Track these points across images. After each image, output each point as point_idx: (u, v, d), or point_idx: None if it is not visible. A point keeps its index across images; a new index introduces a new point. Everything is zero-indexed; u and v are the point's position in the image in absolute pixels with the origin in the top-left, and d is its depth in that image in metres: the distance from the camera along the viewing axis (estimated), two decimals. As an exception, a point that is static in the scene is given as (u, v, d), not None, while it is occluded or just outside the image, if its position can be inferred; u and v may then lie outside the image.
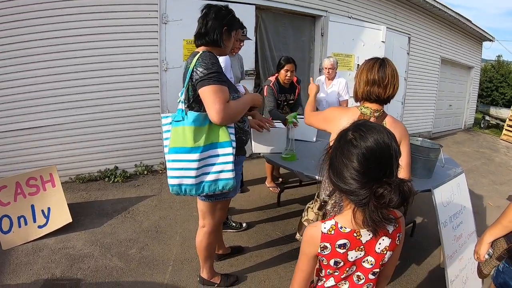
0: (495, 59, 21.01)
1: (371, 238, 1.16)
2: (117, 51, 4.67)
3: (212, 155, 2.04)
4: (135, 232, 3.41)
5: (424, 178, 2.99)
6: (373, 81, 1.84)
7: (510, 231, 1.62)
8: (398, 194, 0.99)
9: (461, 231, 2.95)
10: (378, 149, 1.02)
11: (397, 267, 3.26)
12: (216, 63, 2.00)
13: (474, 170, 7.61)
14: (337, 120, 1.96)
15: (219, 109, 1.91)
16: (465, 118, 13.65)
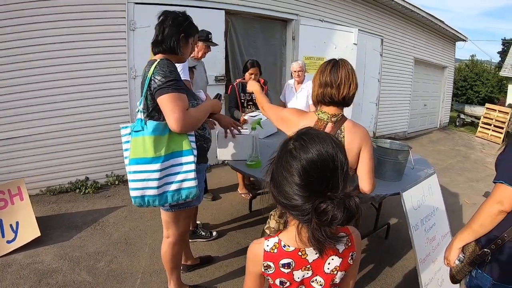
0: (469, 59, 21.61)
1: (318, 257, 1.07)
2: (86, 59, 4.54)
3: (174, 164, 2.01)
4: (104, 244, 3.34)
5: (394, 181, 2.93)
6: (325, 83, 1.79)
7: (480, 236, 1.55)
8: (342, 210, 0.90)
9: (434, 233, 2.90)
10: (320, 161, 0.93)
11: (371, 271, 3.23)
12: (174, 71, 1.98)
13: (449, 168, 7.68)
14: (294, 124, 1.89)
15: (178, 117, 1.88)
16: (440, 117, 13.87)
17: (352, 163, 1.79)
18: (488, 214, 1.47)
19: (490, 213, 1.47)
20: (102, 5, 4.57)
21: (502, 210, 1.43)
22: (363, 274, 3.18)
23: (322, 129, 1.80)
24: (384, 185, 2.79)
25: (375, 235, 3.84)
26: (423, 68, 11.58)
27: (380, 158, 2.90)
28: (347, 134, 1.78)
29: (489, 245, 1.53)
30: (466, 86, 19.46)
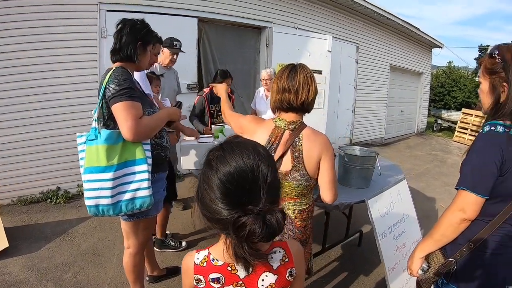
0: (446, 65, 22.08)
1: (250, 273, 1.00)
2: (55, 67, 4.43)
3: (127, 173, 1.99)
4: (72, 255, 3.30)
5: (361, 188, 2.89)
6: (283, 89, 1.74)
7: (443, 245, 1.50)
8: (262, 226, 0.84)
9: (404, 240, 2.87)
10: (237, 172, 0.88)
11: (344, 280, 3.19)
12: (128, 79, 1.96)
13: (426, 173, 7.75)
14: (252, 133, 1.85)
15: (131, 125, 1.88)
16: (418, 122, 14.10)
17: (312, 172, 1.72)
18: (450, 223, 1.42)
19: (452, 222, 1.41)
20: (74, 12, 4.48)
21: (465, 218, 1.37)
22: (336, 282, 3.14)
23: (279, 136, 1.75)
24: (350, 193, 2.75)
25: (348, 243, 3.80)
26: (400, 74, 11.76)
27: (346, 165, 2.86)
28: (305, 141, 1.71)
29: (454, 254, 1.47)
30: (443, 92, 19.86)
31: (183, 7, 5.36)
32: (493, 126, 1.37)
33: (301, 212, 1.80)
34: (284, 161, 1.72)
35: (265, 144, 1.76)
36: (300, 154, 1.70)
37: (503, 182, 1.34)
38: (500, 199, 1.37)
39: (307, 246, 1.94)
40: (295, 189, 1.74)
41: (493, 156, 1.33)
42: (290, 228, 1.80)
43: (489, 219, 1.40)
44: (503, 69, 1.37)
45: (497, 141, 1.34)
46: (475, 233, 1.42)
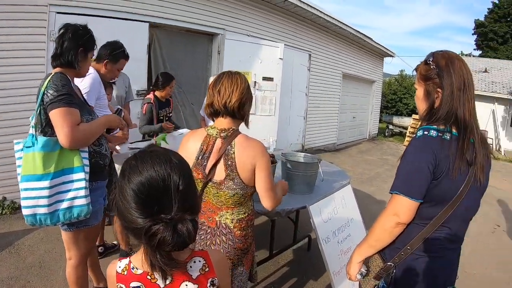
0: (398, 74, 23.10)
1: (170, 282, 0.99)
2: (2, 70, 4.18)
3: (65, 182, 1.96)
4: (18, 268, 3.15)
5: (305, 194, 2.91)
6: (212, 94, 1.75)
7: (378, 250, 1.50)
8: (172, 234, 0.86)
9: (349, 244, 2.90)
10: (148, 182, 0.89)
11: (293, 284, 3.20)
12: (66, 85, 1.94)
13: (377, 177, 8.00)
14: (184, 144, 1.82)
15: (68, 132, 1.86)
16: (369, 128, 14.59)
17: (247, 180, 1.70)
18: (384, 228, 1.42)
19: (386, 227, 1.41)
20: (23, 13, 4.24)
21: (399, 222, 1.37)
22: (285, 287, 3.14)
23: (211, 145, 1.72)
24: (293, 199, 2.77)
25: (298, 249, 3.83)
26: (352, 82, 12.13)
27: (288, 171, 2.88)
28: (238, 149, 1.67)
29: (393, 258, 1.47)
30: (395, 99, 20.81)
31: (135, 11, 5.24)
32: (426, 131, 1.38)
33: (240, 221, 1.78)
34: (218, 170, 1.69)
35: (197, 153, 1.73)
36: (233, 163, 1.67)
37: (437, 186, 1.35)
38: (436, 203, 1.38)
39: (249, 254, 1.92)
40: (231, 198, 1.71)
41: (426, 160, 1.33)
42: (230, 237, 1.77)
43: (425, 223, 1.41)
44: (437, 76, 1.41)
45: (430, 145, 1.35)
46: (413, 237, 1.42)
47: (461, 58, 1.45)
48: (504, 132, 15.73)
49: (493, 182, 8.41)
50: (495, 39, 27.98)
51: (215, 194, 1.73)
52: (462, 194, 1.37)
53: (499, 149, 15.33)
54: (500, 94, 15.32)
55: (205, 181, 1.70)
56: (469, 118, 1.40)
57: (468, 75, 1.42)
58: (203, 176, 1.71)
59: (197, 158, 1.73)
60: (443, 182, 1.35)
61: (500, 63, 19.44)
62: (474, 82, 1.46)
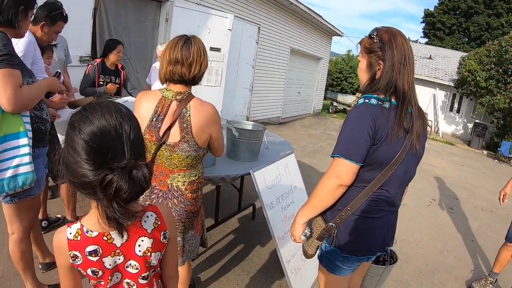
0: (345, 53, 23.71)
1: (126, 239, 0.99)
2: None
3: (7, 149, 1.85)
4: None
5: (249, 161, 2.95)
6: (175, 60, 1.69)
7: (321, 211, 1.56)
8: (128, 182, 0.85)
9: (292, 210, 3.00)
10: (101, 130, 0.87)
11: (239, 252, 3.26)
12: (7, 44, 1.79)
13: (319, 150, 8.27)
14: (137, 105, 1.78)
15: (10, 95, 1.74)
16: (314, 104, 14.94)
17: (202, 142, 1.75)
18: (327, 189, 1.47)
19: (329, 188, 1.46)
20: None
21: (340, 184, 1.43)
22: (232, 255, 3.21)
23: (166, 107, 1.72)
24: (238, 165, 2.80)
25: (243, 217, 3.90)
26: (299, 58, 12.28)
27: (233, 139, 2.90)
28: (193, 112, 1.71)
29: (334, 218, 1.55)
30: (341, 77, 21.38)
31: (80, -28, 4.84)
32: (367, 99, 1.45)
33: (191, 183, 1.83)
34: (172, 132, 1.71)
35: (151, 115, 1.72)
36: (188, 125, 1.70)
37: (375, 151, 1.43)
38: (374, 167, 1.47)
39: (199, 217, 1.98)
40: (184, 161, 1.75)
41: (366, 125, 1.40)
42: (181, 200, 1.81)
43: (364, 185, 1.50)
44: (380, 49, 1.49)
45: (370, 112, 1.41)
46: (352, 199, 1.51)
47: (403, 35, 1.54)
48: (443, 116, 16.89)
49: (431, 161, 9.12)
50: (442, 29, 29.59)
51: (168, 157, 1.74)
52: (399, 160, 1.47)
53: (437, 131, 16.43)
54: (442, 80, 16.25)
55: (159, 144, 1.70)
56: (407, 89, 1.49)
57: (409, 51, 1.51)
58: (156, 139, 1.71)
59: (151, 120, 1.72)
60: (382, 147, 1.43)
61: (445, 51, 20.51)
62: (417, 68, 1.55)
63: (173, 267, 1.19)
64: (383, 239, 1.62)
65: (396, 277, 3.28)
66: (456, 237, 4.53)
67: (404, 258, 3.67)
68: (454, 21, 29.20)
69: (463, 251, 4.13)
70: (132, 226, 0.98)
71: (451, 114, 16.92)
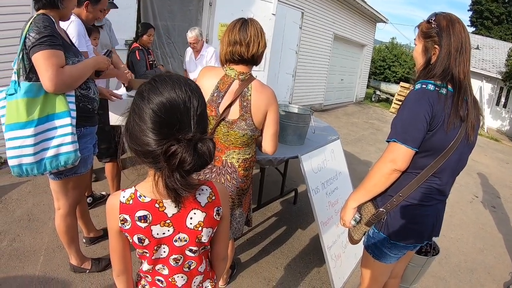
0: (389, 41, 22.86)
1: (178, 211, 0.99)
2: None
3: (50, 128, 1.87)
4: (6, 223, 3.08)
5: (295, 145, 2.93)
6: (234, 41, 1.75)
7: (374, 195, 1.56)
8: (193, 154, 0.84)
9: (336, 196, 2.97)
10: (169, 102, 0.87)
11: (279, 236, 3.26)
12: (49, 26, 1.80)
13: (362, 139, 8.09)
14: (200, 80, 1.84)
15: (52, 75, 1.74)
16: (357, 92, 14.61)
17: (258, 123, 1.79)
18: (381, 174, 1.47)
19: (383, 173, 1.46)
20: None
21: (396, 168, 1.43)
22: (272, 238, 3.22)
23: (228, 85, 1.78)
24: (284, 149, 2.78)
25: (284, 201, 3.89)
26: (342, 44, 11.99)
27: (282, 122, 2.87)
28: (254, 93, 1.76)
29: (385, 204, 1.55)
30: (384, 66, 20.67)
31: (125, -42, 4.95)
32: (424, 84, 1.43)
33: (245, 161, 1.88)
34: (232, 110, 1.77)
35: (212, 91, 1.79)
36: (248, 104, 1.75)
37: (431, 137, 1.42)
38: (429, 153, 1.45)
39: (247, 196, 2.03)
40: (240, 138, 1.80)
41: (423, 111, 1.39)
42: (234, 176, 1.87)
43: (417, 172, 1.49)
44: (437, 34, 1.48)
45: (428, 98, 1.40)
46: (404, 185, 1.51)
47: (462, 22, 1.51)
48: (489, 110, 16.08)
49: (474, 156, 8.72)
50: (490, 19, 27.78)
51: (225, 133, 1.80)
52: (453, 147, 1.45)
53: (482, 125, 15.64)
54: (489, 72, 15.44)
55: (218, 119, 1.76)
56: (463, 78, 1.47)
57: (466, 39, 1.48)
58: (216, 114, 1.77)
59: (212, 95, 1.78)
60: (437, 133, 1.42)
61: (493, 42, 19.43)
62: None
63: (223, 247, 1.18)
64: (431, 228, 1.62)
65: (435, 272, 3.19)
66: (497, 237, 4.32)
67: (443, 253, 3.55)
68: (503, 10, 27.26)
69: (504, 252, 3.93)
70: (186, 198, 0.97)
71: (497, 108, 16.06)
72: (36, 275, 2.51)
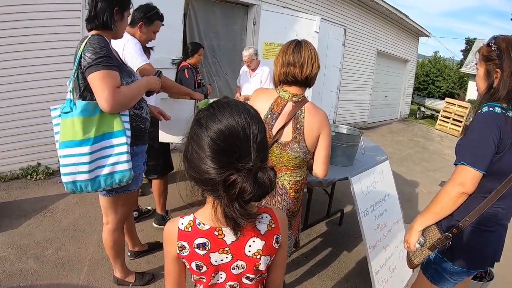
0: (432, 55, 22.23)
1: (237, 238, 0.97)
2: (38, 39, 4.25)
3: (105, 147, 1.91)
4: (53, 231, 3.22)
5: (345, 166, 2.88)
6: (288, 63, 1.76)
7: (441, 218, 1.55)
8: (253, 184, 0.81)
9: (385, 219, 2.88)
10: (228, 129, 0.85)
11: (324, 258, 3.20)
12: (104, 47, 1.87)
13: (407, 158, 7.85)
14: (253, 102, 1.86)
15: (108, 96, 1.79)
16: (401, 109, 14.24)
17: (311, 145, 1.78)
18: (449, 197, 1.47)
19: (451, 196, 1.46)
20: None
21: (464, 192, 1.43)
22: (318, 260, 3.16)
23: (281, 107, 1.78)
24: (334, 170, 2.74)
25: (330, 222, 3.82)
26: (385, 60, 11.80)
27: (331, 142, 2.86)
28: (307, 115, 1.76)
29: (451, 229, 1.53)
30: (428, 81, 20.09)
31: (170, -20, 5.20)
32: (491, 107, 1.44)
33: (296, 183, 1.86)
34: (285, 132, 1.77)
35: (266, 112, 1.80)
36: (301, 126, 1.75)
37: (499, 160, 1.42)
38: (495, 177, 1.45)
39: (297, 218, 2.00)
40: (292, 161, 1.79)
41: (492, 134, 1.40)
42: (285, 198, 1.86)
43: (485, 196, 1.48)
44: (498, 57, 1.48)
45: (495, 121, 1.41)
46: (471, 209, 1.50)
47: None
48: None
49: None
50: None
51: (277, 155, 1.80)
52: None
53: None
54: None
55: (272, 141, 1.77)
56: None
57: None
58: (269, 135, 1.77)
59: (265, 117, 1.79)
60: (505, 156, 1.42)
61: None
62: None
63: (280, 274, 1.16)
64: (494, 254, 1.59)
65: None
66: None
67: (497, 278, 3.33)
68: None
69: None
70: (245, 226, 0.95)
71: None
72: (79, 284, 2.58)
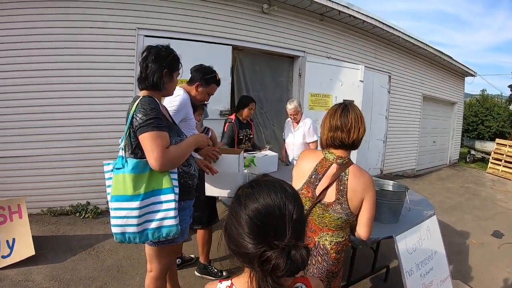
0: (479, 94, 21.42)
1: None
2: (94, 87, 4.73)
3: (154, 202, 2.00)
4: (96, 270, 3.35)
5: (390, 223, 2.89)
6: (335, 127, 1.83)
7: None
8: (286, 261, 0.88)
9: (431, 278, 2.82)
10: (265, 209, 0.93)
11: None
12: (155, 108, 1.98)
13: (458, 206, 7.53)
14: (300, 162, 1.95)
15: (158, 156, 1.90)
16: (450, 153, 13.71)
17: (354, 207, 1.80)
18: None
19: None
20: (113, 36, 4.79)
21: None
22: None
23: (326, 168, 1.84)
24: (378, 228, 2.75)
25: (374, 278, 3.76)
26: (432, 104, 11.57)
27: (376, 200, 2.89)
28: (351, 177, 1.80)
29: None
30: (477, 121, 19.25)
31: (219, 35, 5.59)
32: None
33: (337, 244, 1.87)
34: (329, 192, 1.81)
35: (311, 173, 1.86)
36: (345, 188, 1.78)
37: None
38: None
39: (337, 279, 1.99)
40: (334, 221, 1.81)
41: None
42: (325, 259, 1.86)
43: None
44: None
45: None
46: None
47: None
48: None
49: None
50: None
51: (320, 215, 1.83)
52: None
53: None
54: None
55: (315, 201, 1.81)
56: None
57: None
58: (312, 195, 1.82)
59: (310, 177, 1.85)
60: None
61: None
62: None
63: None
64: None
65: None
66: None
67: None
68: None
69: None
70: None
71: None
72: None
